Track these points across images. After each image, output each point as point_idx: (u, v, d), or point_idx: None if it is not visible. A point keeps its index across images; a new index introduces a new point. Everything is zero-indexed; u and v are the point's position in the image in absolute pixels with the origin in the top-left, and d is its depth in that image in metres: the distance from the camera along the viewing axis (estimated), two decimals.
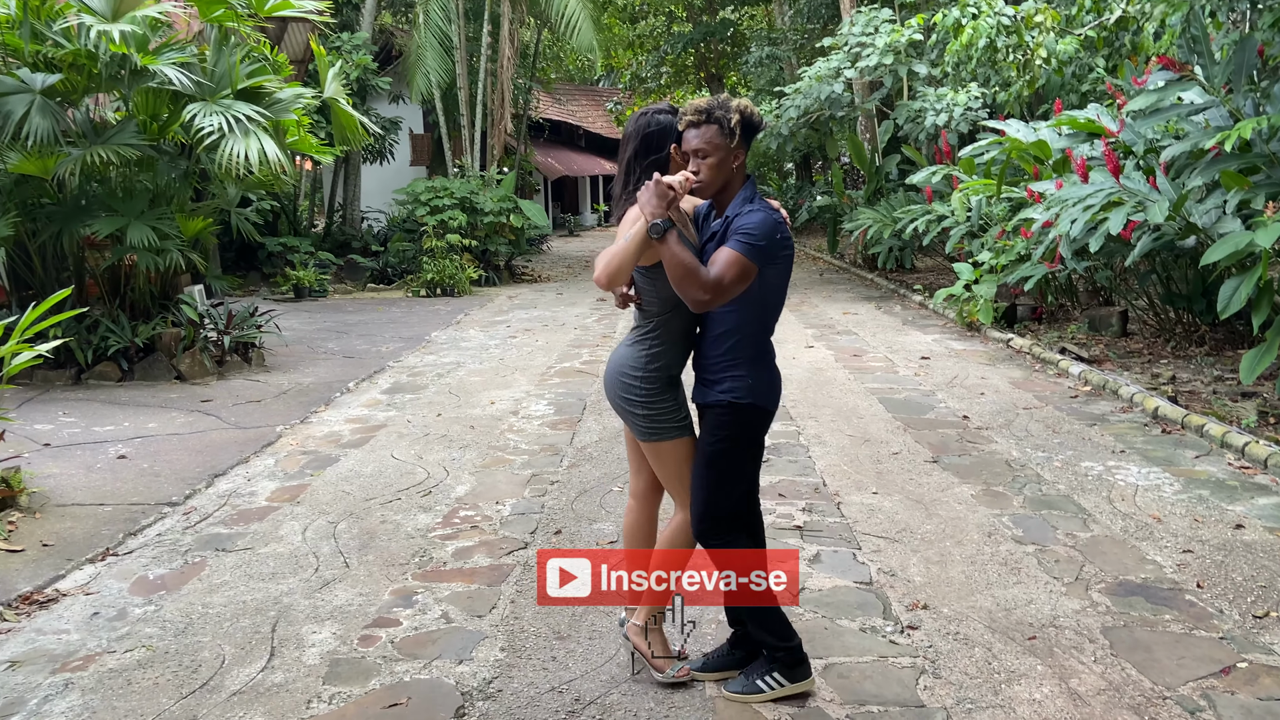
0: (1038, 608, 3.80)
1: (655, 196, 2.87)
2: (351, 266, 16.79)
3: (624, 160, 3.14)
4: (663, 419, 3.14)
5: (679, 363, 3.20)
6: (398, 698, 3.21)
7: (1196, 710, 3.06)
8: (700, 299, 2.90)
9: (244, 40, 8.72)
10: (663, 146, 3.09)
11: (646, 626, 3.25)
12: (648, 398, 3.13)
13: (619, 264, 2.92)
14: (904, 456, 5.90)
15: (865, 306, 12.86)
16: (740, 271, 2.90)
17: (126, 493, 5.40)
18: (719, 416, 3.08)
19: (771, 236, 2.94)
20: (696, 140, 2.98)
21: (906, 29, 13.86)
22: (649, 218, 2.87)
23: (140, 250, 7.89)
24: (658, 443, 3.16)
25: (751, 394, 3.06)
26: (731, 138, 2.98)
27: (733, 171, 3.03)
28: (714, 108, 2.98)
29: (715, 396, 3.08)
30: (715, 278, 2.88)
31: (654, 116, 3.12)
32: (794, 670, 3.15)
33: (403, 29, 22.30)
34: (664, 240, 2.87)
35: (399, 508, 5.13)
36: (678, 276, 2.89)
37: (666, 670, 3.23)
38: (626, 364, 3.17)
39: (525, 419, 7.05)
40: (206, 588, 4.14)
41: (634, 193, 3.06)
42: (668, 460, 3.17)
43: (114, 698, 3.25)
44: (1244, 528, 4.59)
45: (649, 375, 3.13)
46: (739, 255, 2.90)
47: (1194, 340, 8.68)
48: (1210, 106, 6.92)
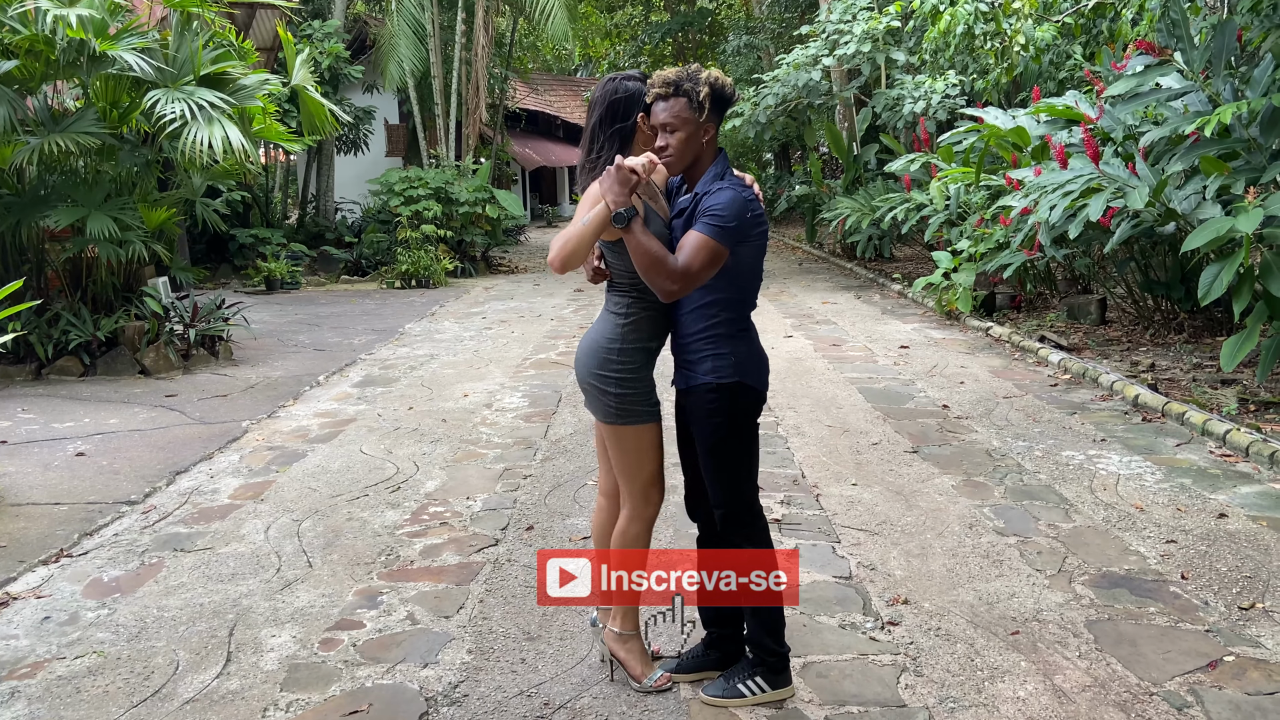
0: (1020, 601, 3.71)
1: (617, 183, 2.72)
2: (325, 258, 16.55)
3: (589, 127, 2.97)
4: (634, 399, 2.97)
5: (659, 335, 3.03)
6: (359, 704, 3.07)
7: (1184, 706, 2.98)
8: (669, 289, 2.75)
9: (208, 26, 8.50)
10: (629, 115, 2.92)
11: (623, 632, 3.12)
12: (623, 373, 2.96)
13: (574, 247, 2.78)
14: (884, 447, 5.81)
15: (844, 296, 12.78)
16: (709, 256, 2.76)
17: (84, 491, 5.23)
18: (707, 403, 2.91)
19: (741, 216, 2.79)
20: (664, 114, 2.83)
21: (884, 16, 13.76)
22: (612, 205, 2.72)
23: (101, 241, 7.67)
24: (623, 426, 2.99)
25: (737, 371, 2.90)
26: (700, 111, 2.83)
27: (703, 146, 2.88)
28: (682, 79, 2.82)
29: (699, 379, 2.91)
30: (683, 266, 2.74)
31: (622, 83, 2.96)
32: (779, 676, 3.03)
33: (376, 17, 21.99)
34: (629, 229, 2.73)
35: (366, 504, 4.98)
36: (644, 266, 2.75)
37: (644, 679, 3.10)
38: (604, 337, 3.00)
39: (499, 412, 6.91)
40: (163, 590, 3.98)
41: (598, 161, 2.91)
42: (629, 447, 3.00)
43: (61, 707, 3.10)
44: (1227, 517, 4.52)
45: (627, 348, 2.97)
46: (707, 239, 2.75)
47: (1173, 328, 8.64)
48: (1189, 91, 6.86)
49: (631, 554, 3.06)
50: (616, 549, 3.08)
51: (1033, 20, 10.70)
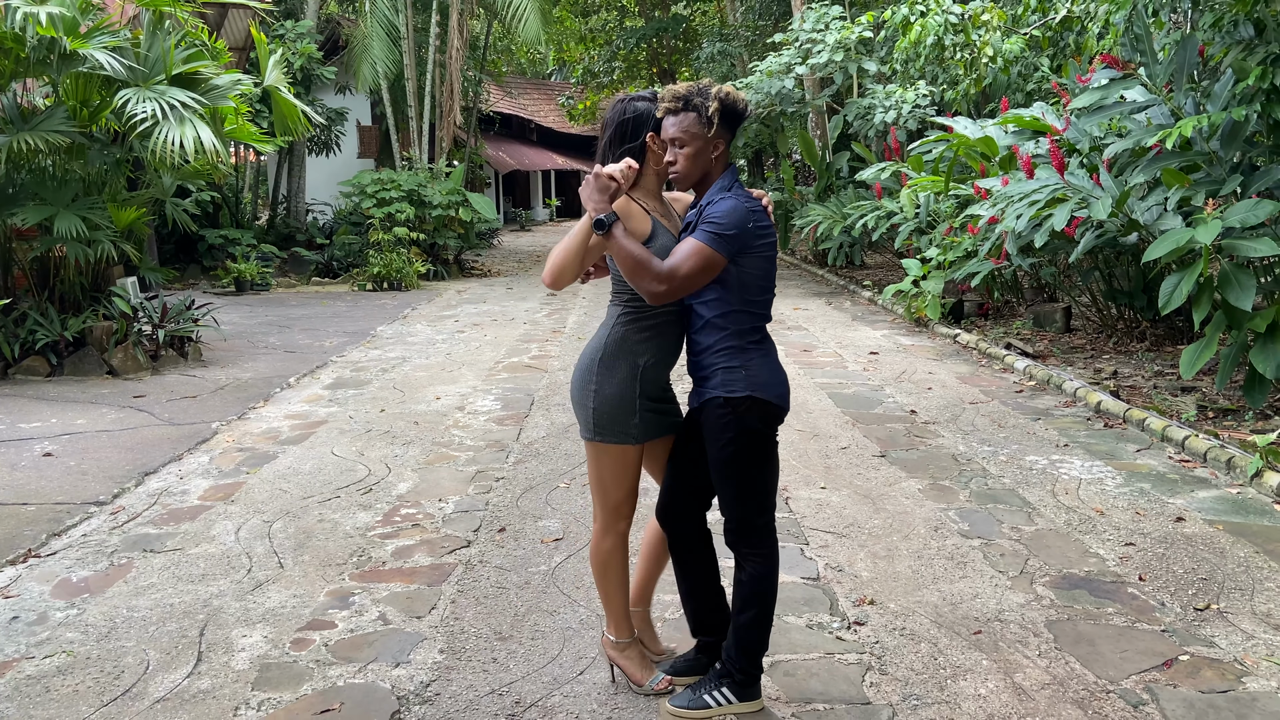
0: (983, 602, 3.79)
1: (596, 190, 2.75)
2: (296, 260, 16.47)
3: (600, 148, 3.00)
4: (612, 417, 2.94)
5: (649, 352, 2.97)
6: (330, 703, 3.09)
7: (1140, 704, 3.06)
8: (654, 290, 2.73)
9: (180, 25, 8.46)
10: (638, 134, 2.93)
11: (618, 640, 3.14)
12: (604, 386, 2.94)
13: (563, 262, 2.79)
14: (852, 451, 5.89)
15: (815, 302, 12.89)
16: (702, 262, 2.74)
17: (51, 492, 5.19)
18: (717, 418, 2.86)
19: (742, 225, 2.77)
20: (674, 129, 2.84)
21: (857, 26, 13.92)
22: (592, 212, 2.75)
23: (69, 241, 7.61)
24: (600, 443, 2.98)
25: (749, 386, 2.83)
26: (709, 126, 2.83)
27: (712, 161, 2.87)
28: (692, 94, 2.83)
29: (709, 393, 2.88)
30: (670, 268, 2.73)
31: (631, 104, 2.97)
32: (747, 690, 2.99)
33: (349, 18, 21.92)
34: (609, 235, 2.74)
35: (338, 506, 4.99)
36: (628, 269, 2.75)
37: (645, 683, 3.13)
38: (592, 348, 3.02)
39: (471, 415, 6.93)
40: (132, 590, 3.97)
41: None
42: (603, 465, 2.99)
43: (31, 706, 3.09)
44: (1184, 520, 4.63)
45: (607, 359, 2.95)
46: (701, 245, 2.74)
47: (1135, 336, 8.80)
48: (1152, 105, 7.00)
49: (610, 567, 3.08)
50: (595, 565, 3.10)
51: (1001, 33, 10.88)
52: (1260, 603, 3.75)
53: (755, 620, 2.95)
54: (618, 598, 3.11)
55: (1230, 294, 5.92)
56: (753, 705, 3.01)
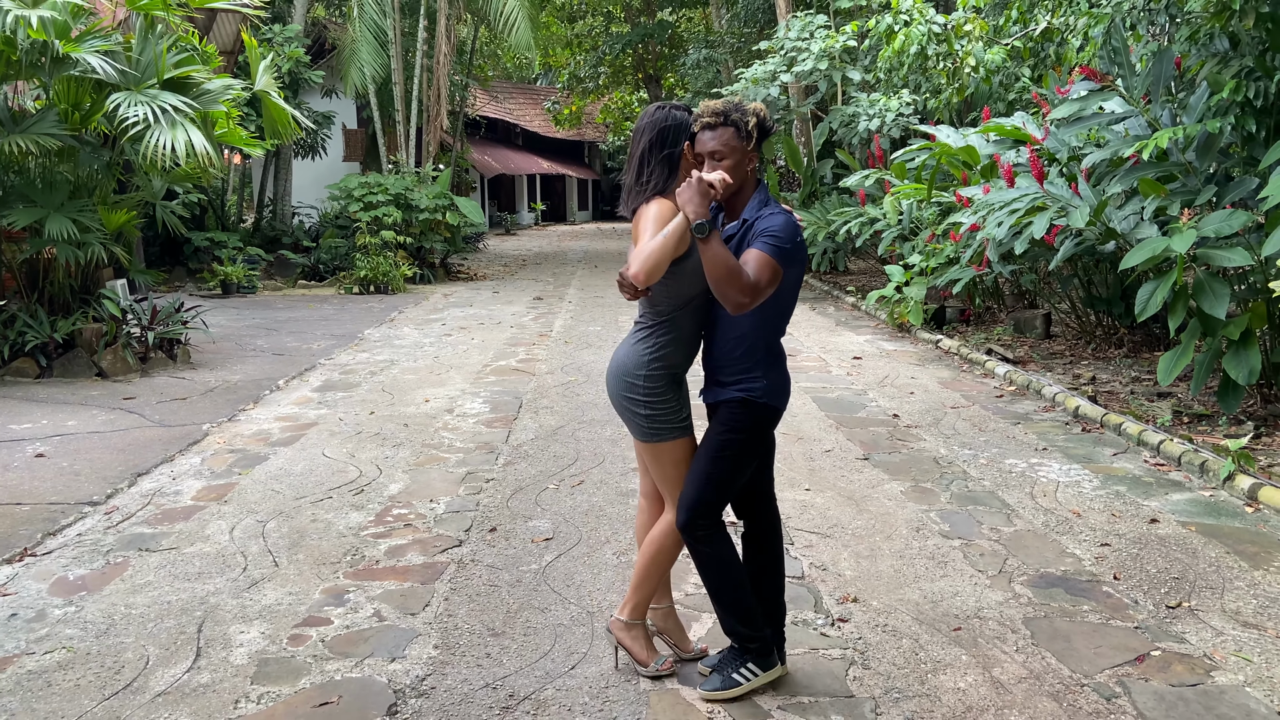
0: (963, 600, 3.90)
1: (698, 194, 2.86)
2: (282, 263, 16.49)
3: (637, 154, 3.11)
4: (663, 419, 3.12)
5: (684, 362, 3.18)
6: (328, 696, 3.17)
7: (1112, 696, 3.17)
8: (740, 301, 2.86)
9: (172, 29, 8.51)
10: (678, 142, 3.07)
11: (630, 621, 3.27)
12: (650, 396, 3.11)
13: (658, 259, 2.88)
14: (836, 454, 6.00)
15: (799, 307, 13.01)
16: (773, 273, 2.90)
17: (45, 492, 5.24)
18: (732, 412, 3.08)
19: (794, 239, 2.96)
20: (713, 142, 2.98)
21: (841, 35, 14.09)
22: (692, 217, 2.84)
23: (60, 243, 7.65)
24: (657, 444, 3.15)
25: (767, 394, 3.07)
26: (748, 141, 3.00)
27: (747, 175, 3.04)
28: (730, 110, 3.00)
29: (729, 394, 3.08)
30: (754, 279, 2.86)
31: (671, 112, 3.12)
32: (767, 659, 3.18)
33: (336, 22, 21.95)
34: (708, 240, 2.84)
35: (330, 506, 5.06)
36: (719, 277, 2.84)
37: (650, 664, 3.25)
38: (629, 363, 3.15)
39: (460, 417, 7.01)
40: (129, 588, 4.03)
41: (648, 185, 3.05)
42: (665, 461, 3.17)
43: (33, 700, 3.16)
44: (1158, 522, 4.76)
45: (652, 374, 3.11)
46: (770, 258, 2.89)
47: (1113, 342, 8.97)
48: (1130, 116, 7.16)
49: (662, 553, 3.22)
50: (652, 545, 3.23)
51: (983, 43, 11.05)
52: (1230, 601, 3.88)
53: (729, 589, 3.13)
54: (653, 584, 3.25)
55: (1205, 302, 6.06)
56: (778, 671, 3.22)
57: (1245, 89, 6.32)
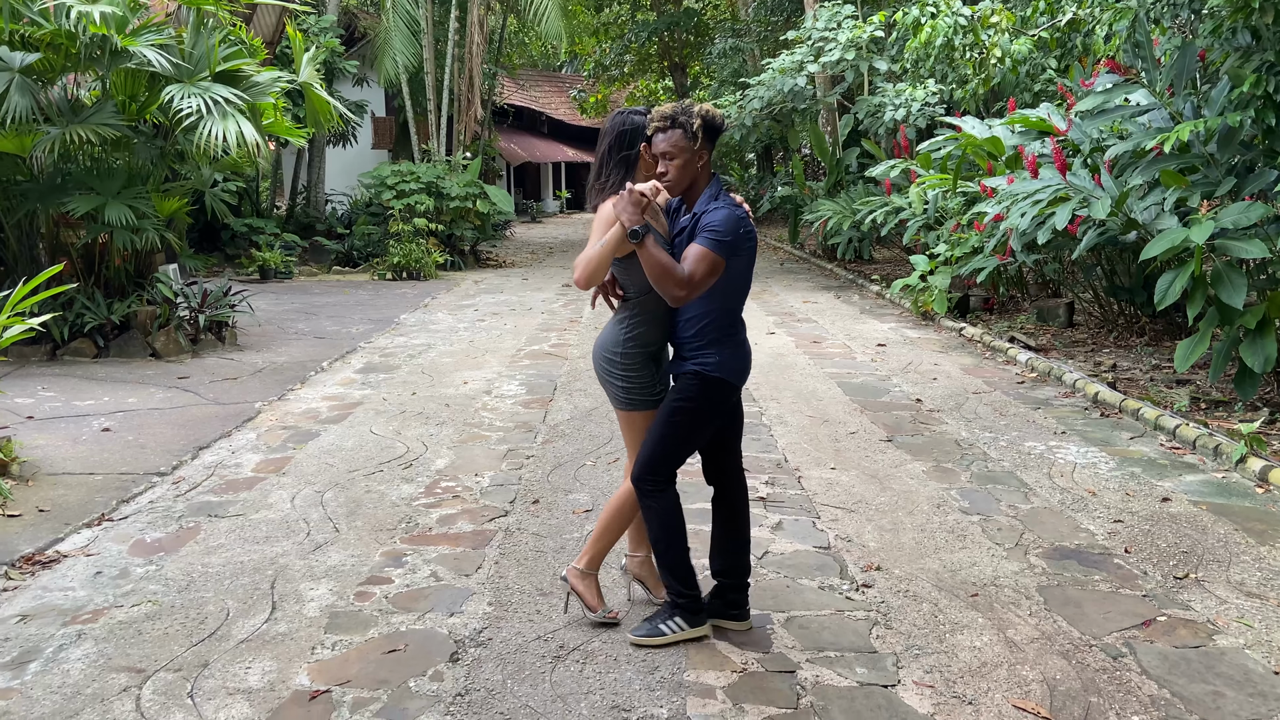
0: (980, 569, 4.15)
1: (631, 205, 3.22)
2: (316, 249, 16.84)
3: (600, 154, 3.53)
4: (637, 391, 3.52)
5: (657, 339, 3.55)
6: (396, 644, 3.47)
7: (1119, 656, 3.42)
8: (677, 294, 3.24)
9: (220, 23, 8.82)
10: (634, 144, 3.46)
11: (585, 570, 3.63)
12: (626, 370, 3.50)
13: (595, 266, 3.29)
14: (860, 436, 6.24)
15: (825, 296, 13.23)
16: (709, 266, 3.24)
17: (115, 463, 5.58)
18: (687, 382, 3.44)
19: (735, 231, 3.29)
20: (663, 144, 3.33)
21: (868, 25, 14.22)
22: (626, 225, 3.21)
23: (119, 229, 8.00)
24: (630, 412, 3.55)
25: (719, 369, 3.41)
26: (695, 140, 3.33)
27: (698, 170, 3.39)
28: (678, 114, 3.33)
29: (687, 367, 3.44)
30: (689, 274, 3.22)
31: (629, 117, 3.51)
32: (695, 617, 3.50)
33: (367, 11, 22.28)
34: (642, 244, 3.20)
35: (382, 479, 5.36)
36: (656, 276, 3.23)
37: (598, 611, 3.61)
38: (609, 340, 3.55)
39: (498, 398, 7.30)
40: (204, 549, 4.35)
41: (607, 183, 3.44)
42: (636, 428, 3.56)
43: (127, 645, 3.47)
44: (1171, 501, 4.98)
45: (628, 351, 3.50)
46: (707, 251, 3.24)
47: (1135, 331, 9.13)
48: (1153, 109, 7.32)
49: (621, 510, 3.57)
50: (613, 503, 3.59)
51: (1010, 34, 11.18)
52: (1235, 573, 4.11)
53: (668, 546, 3.47)
54: (611, 538, 3.62)
55: (1223, 291, 6.24)
56: (701, 630, 3.53)
57: (1266, 83, 6.47)
